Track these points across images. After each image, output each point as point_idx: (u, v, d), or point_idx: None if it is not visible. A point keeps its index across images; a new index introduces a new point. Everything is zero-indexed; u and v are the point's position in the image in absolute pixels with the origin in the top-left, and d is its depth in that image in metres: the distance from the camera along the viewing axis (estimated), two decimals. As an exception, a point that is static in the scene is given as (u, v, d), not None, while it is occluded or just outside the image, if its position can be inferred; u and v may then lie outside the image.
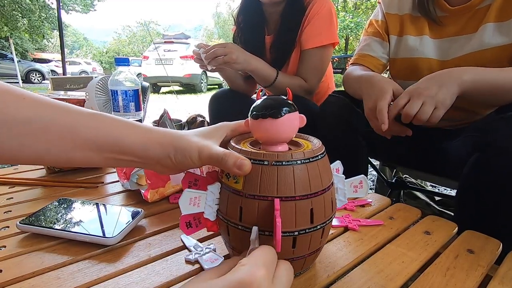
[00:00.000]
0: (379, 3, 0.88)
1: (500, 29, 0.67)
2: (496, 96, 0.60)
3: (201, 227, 0.38)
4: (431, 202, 1.20)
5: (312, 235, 0.35)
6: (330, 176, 0.38)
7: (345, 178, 0.42)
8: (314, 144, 0.40)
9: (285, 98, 0.37)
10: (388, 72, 0.94)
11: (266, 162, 0.34)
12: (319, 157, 0.36)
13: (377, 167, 1.28)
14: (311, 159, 0.35)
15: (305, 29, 1.02)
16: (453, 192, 1.38)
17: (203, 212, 0.37)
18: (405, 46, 0.81)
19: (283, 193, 0.34)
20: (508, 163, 0.53)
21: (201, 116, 1.58)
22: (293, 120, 0.36)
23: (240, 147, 0.37)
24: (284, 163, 0.34)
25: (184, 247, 0.46)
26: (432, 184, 1.41)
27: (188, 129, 1.47)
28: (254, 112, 0.37)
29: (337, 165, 0.44)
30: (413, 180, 1.29)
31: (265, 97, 0.38)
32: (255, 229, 0.34)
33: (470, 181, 0.61)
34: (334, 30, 1.03)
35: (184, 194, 0.35)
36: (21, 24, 11.26)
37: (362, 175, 0.42)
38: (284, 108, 0.35)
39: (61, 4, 5.06)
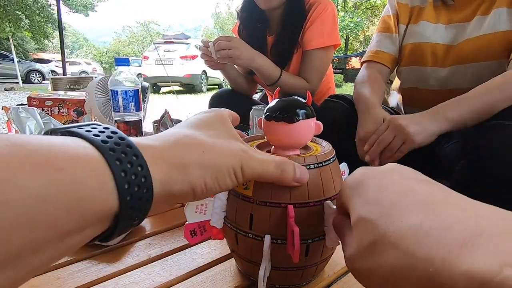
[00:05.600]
0: None
1: (509, 14, 0.69)
2: (485, 116, 0.62)
3: (206, 235, 0.37)
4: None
5: (325, 242, 0.34)
6: (341, 180, 0.37)
7: None
8: (323, 147, 0.38)
9: (304, 101, 0.35)
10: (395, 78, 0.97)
11: None
12: (331, 161, 0.35)
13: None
14: (323, 163, 0.34)
15: (308, 30, 1.02)
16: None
17: (209, 219, 0.36)
18: (411, 33, 0.85)
19: (296, 199, 0.32)
20: (493, 165, 0.55)
21: None
22: (308, 127, 0.34)
23: None
24: None
25: (183, 247, 0.46)
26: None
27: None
28: (268, 113, 0.34)
29: (343, 167, 0.42)
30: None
31: (282, 98, 0.36)
32: (268, 238, 0.32)
33: (459, 183, 0.64)
34: (336, 32, 1.04)
35: (190, 202, 0.34)
36: (23, 24, 11.27)
37: None
38: (301, 113, 0.33)
39: (61, 2, 5.07)
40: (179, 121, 0.94)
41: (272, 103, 0.35)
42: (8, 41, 10.92)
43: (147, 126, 1.40)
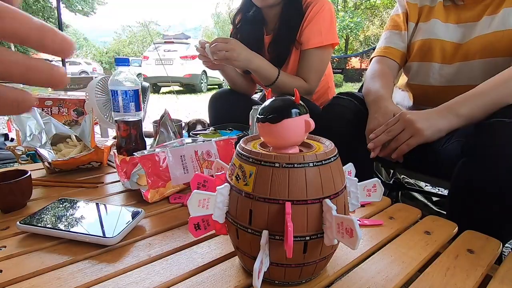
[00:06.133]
0: None
1: None
2: (495, 110, 0.63)
3: (209, 229, 0.38)
4: (428, 203, 1.20)
5: (324, 240, 0.34)
6: (343, 179, 0.37)
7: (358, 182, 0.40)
8: (326, 146, 0.39)
9: (292, 99, 0.35)
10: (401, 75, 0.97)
11: (277, 165, 0.33)
12: (332, 160, 0.35)
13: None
14: (323, 162, 0.34)
15: (306, 29, 1.02)
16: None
17: (212, 214, 0.36)
18: (420, 30, 0.87)
19: (295, 197, 0.32)
20: (490, 166, 0.56)
21: (200, 122, 1.58)
22: (295, 125, 0.34)
23: (250, 148, 0.36)
24: (296, 165, 0.33)
25: (183, 247, 0.46)
26: (426, 184, 1.41)
27: (187, 132, 1.46)
28: (257, 115, 0.35)
29: (349, 167, 0.43)
30: (411, 181, 1.30)
31: (272, 98, 0.36)
32: (265, 233, 0.33)
33: (459, 182, 0.64)
34: (334, 31, 1.04)
35: (193, 195, 0.34)
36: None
37: (376, 179, 0.41)
38: (285, 112, 0.34)
39: (62, 3, 5.07)
40: (179, 121, 0.94)
41: (264, 104, 0.36)
42: (8, 41, 10.90)
43: (147, 126, 1.41)
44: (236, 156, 0.37)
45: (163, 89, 8.15)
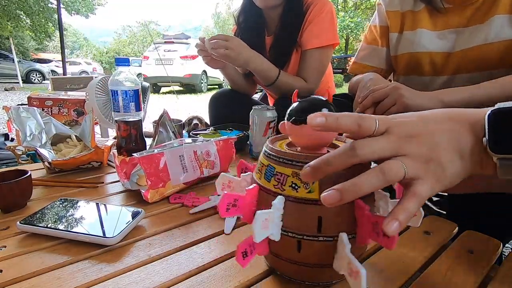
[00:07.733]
0: (379, 4, 0.88)
1: (511, 21, 0.67)
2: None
3: (254, 254, 0.35)
4: (428, 203, 1.20)
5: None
6: None
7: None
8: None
9: (324, 100, 0.35)
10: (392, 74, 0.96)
11: None
12: None
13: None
14: None
15: (306, 29, 1.02)
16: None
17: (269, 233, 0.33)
18: (405, 41, 0.82)
19: None
20: None
21: (197, 118, 1.58)
22: None
23: (278, 149, 0.35)
24: None
25: (183, 247, 0.46)
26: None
27: (187, 130, 1.46)
28: (292, 116, 0.34)
29: None
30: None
31: (299, 100, 0.35)
32: (344, 236, 0.32)
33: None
34: (335, 31, 1.04)
35: (257, 217, 0.31)
36: (24, 23, 11.31)
37: None
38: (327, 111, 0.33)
39: (62, 5, 5.08)
40: (179, 121, 0.94)
41: (294, 105, 0.35)
42: (9, 40, 10.94)
43: (147, 126, 1.41)
44: (286, 165, 0.34)
45: (163, 89, 8.16)
